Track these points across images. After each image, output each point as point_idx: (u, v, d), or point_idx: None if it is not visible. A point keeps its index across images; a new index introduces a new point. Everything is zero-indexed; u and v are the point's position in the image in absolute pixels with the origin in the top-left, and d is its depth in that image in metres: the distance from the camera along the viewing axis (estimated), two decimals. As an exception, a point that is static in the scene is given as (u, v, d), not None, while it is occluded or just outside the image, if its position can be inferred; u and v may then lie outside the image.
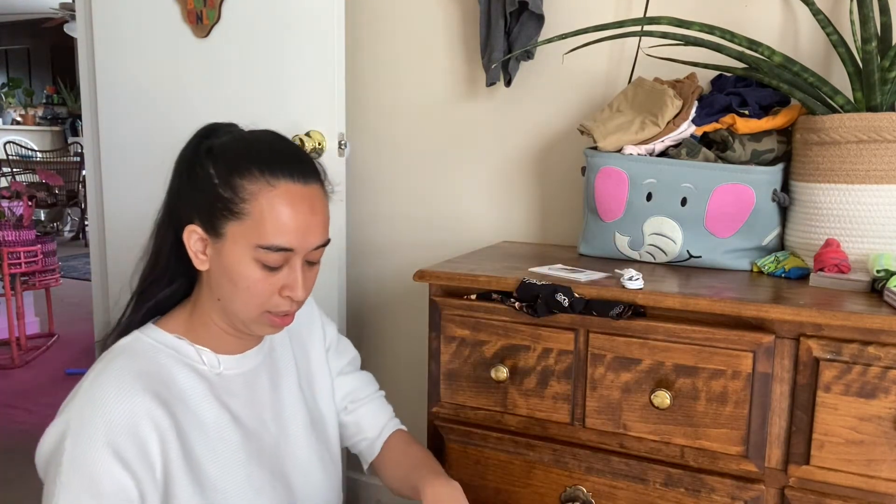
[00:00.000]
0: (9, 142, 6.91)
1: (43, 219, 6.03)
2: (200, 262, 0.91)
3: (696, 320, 1.02)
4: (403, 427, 1.17)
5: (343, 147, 1.69)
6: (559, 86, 1.60)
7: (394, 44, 1.78)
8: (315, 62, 1.67)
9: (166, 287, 0.96)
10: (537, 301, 1.09)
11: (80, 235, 6.94)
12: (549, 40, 1.25)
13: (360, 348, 1.98)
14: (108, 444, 0.80)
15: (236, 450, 0.93)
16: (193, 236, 0.90)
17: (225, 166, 0.88)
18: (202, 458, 0.89)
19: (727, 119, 1.24)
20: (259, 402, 0.98)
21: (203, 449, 0.89)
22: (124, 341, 0.92)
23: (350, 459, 1.98)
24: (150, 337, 0.92)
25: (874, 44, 1.10)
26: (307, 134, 1.67)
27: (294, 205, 0.87)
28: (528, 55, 1.56)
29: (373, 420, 1.14)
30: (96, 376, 0.85)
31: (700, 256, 1.23)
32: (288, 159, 0.89)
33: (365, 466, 1.16)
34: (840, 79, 1.25)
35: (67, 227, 7.38)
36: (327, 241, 0.93)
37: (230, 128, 0.95)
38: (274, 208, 0.86)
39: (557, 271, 1.18)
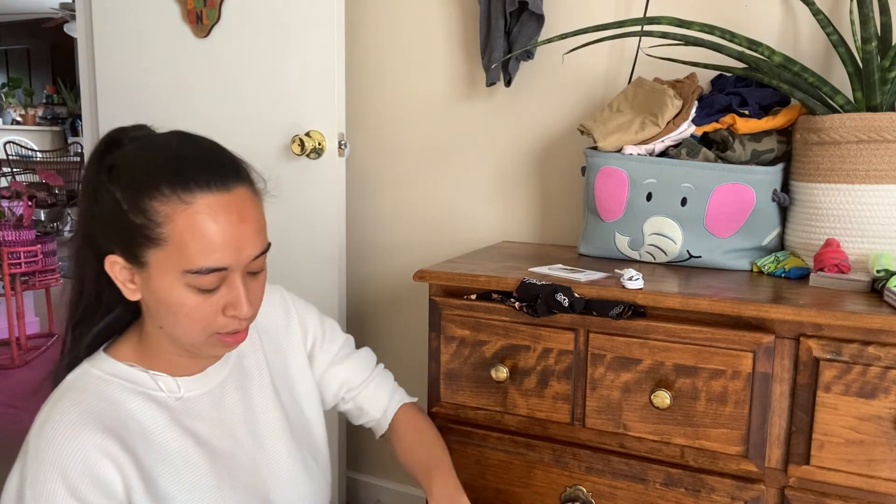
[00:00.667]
0: (9, 142, 6.91)
1: (43, 219, 6.03)
2: (130, 293, 0.83)
3: (696, 320, 1.02)
4: (408, 398, 1.15)
5: (343, 147, 1.69)
6: (559, 86, 1.60)
7: (394, 44, 1.78)
8: (315, 62, 1.67)
9: (105, 315, 0.89)
10: (537, 301, 1.09)
11: (80, 235, 6.92)
12: (549, 40, 1.25)
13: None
14: (69, 489, 0.75)
15: (205, 475, 0.87)
16: (116, 267, 0.82)
17: (130, 188, 0.78)
18: (169, 491, 0.83)
19: (727, 119, 1.24)
20: (229, 419, 0.92)
21: (169, 481, 0.83)
22: (71, 377, 0.85)
23: (350, 459, 1.98)
24: (100, 369, 0.85)
25: (874, 44, 1.10)
26: (307, 134, 1.67)
27: (217, 218, 0.78)
28: (528, 55, 1.56)
29: (374, 402, 1.10)
30: (44, 421, 0.79)
31: (700, 256, 1.23)
32: (200, 167, 0.80)
33: (378, 437, 1.13)
34: (840, 79, 1.25)
35: (67, 227, 7.38)
36: (267, 247, 0.86)
37: (136, 133, 0.85)
38: (195, 228, 0.77)
39: (557, 271, 1.18)
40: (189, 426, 0.87)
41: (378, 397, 1.11)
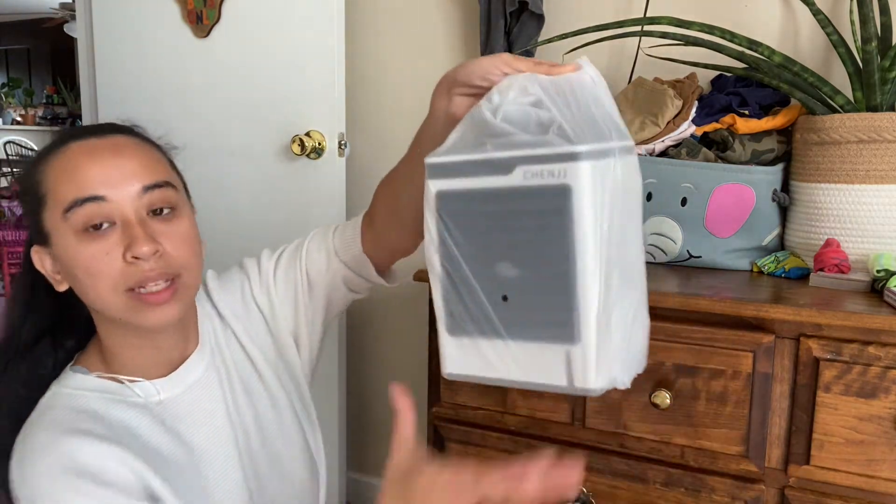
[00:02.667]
0: (9, 142, 6.92)
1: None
2: (59, 283, 0.79)
3: (696, 320, 1.02)
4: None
5: (343, 147, 1.69)
6: (559, 86, 1.60)
7: (394, 44, 1.78)
8: (315, 62, 1.67)
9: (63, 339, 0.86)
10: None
11: (80, 235, 6.93)
12: (549, 40, 1.25)
13: (360, 348, 1.98)
14: (66, 487, 0.71)
15: (192, 476, 0.83)
16: (43, 257, 0.80)
17: (23, 172, 0.80)
18: (164, 490, 0.79)
19: (727, 119, 1.24)
20: (212, 415, 0.87)
21: (164, 479, 0.79)
22: (42, 402, 0.80)
23: (350, 459, 1.99)
24: (69, 387, 0.80)
25: (874, 44, 1.10)
26: (307, 134, 1.67)
27: (89, 153, 0.76)
28: (528, 55, 1.56)
29: (319, 252, 0.94)
30: (21, 459, 0.73)
31: (700, 256, 1.23)
32: (79, 128, 0.80)
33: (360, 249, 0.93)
34: (840, 79, 1.25)
35: (67, 227, 7.37)
36: (164, 182, 0.78)
37: None
38: (66, 167, 0.75)
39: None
40: (172, 427, 0.83)
41: (320, 241, 0.95)
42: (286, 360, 0.98)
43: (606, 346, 0.49)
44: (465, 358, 0.54)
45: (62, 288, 0.80)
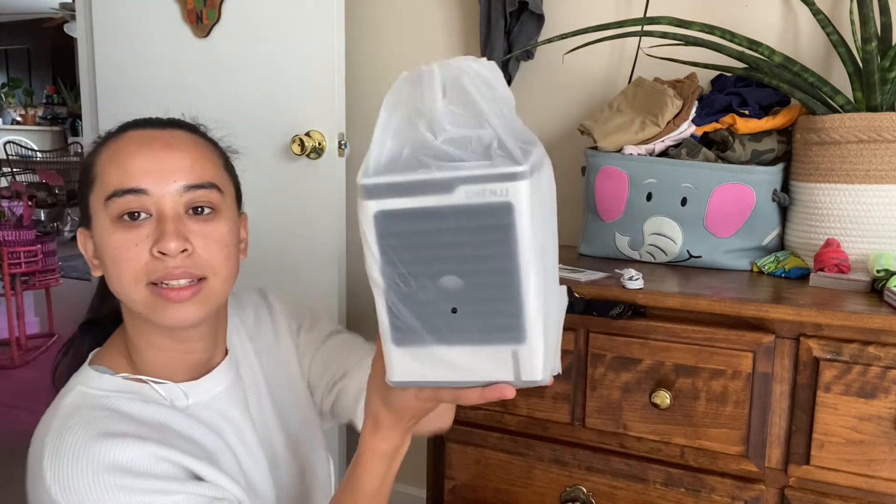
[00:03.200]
0: (9, 142, 6.92)
1: (43, 219, 6.04)
2: (95, 268, 0.80)
3: (696, 320, 1.02)
4: None
5: (343, 147, 1.69)
6: (559, 86, 1.60)
7: (394, 44, 1.78)
8: (315, 62, 1.67)
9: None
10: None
11: (80, 235, 6.92)
12: (549, 40, 1.25)
13: (360, 348, 1.98)
14: (123, 490, 0.69)
15: (236, 474, 0.82)
16: (86, 240, 0.81)
17: (85, 156, 0.83)
18: (214, 466, 0.78)
19: (727, 119, 1.24)
20: (242, 427, 0.86)
21: (210, 460, 0.78)
22: (68, 401, 0.77)
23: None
24: (96, 388, 0.78)
25: (874, 44, 1.10)
26: (307, 134, 1.67)
27: (141, 144, 0.76)
28: (528, 55, 1.56)
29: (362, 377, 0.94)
30: (58, 440, 0.71)
31: (700, 256, 1.23)
32: (144, 119, 0.81)
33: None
34: (840, 79, 1.25)
35: (67, 227, 7.38)
36: (209, 184, 0.78)
37: None
38: (115, 155, 0.76)
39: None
40: (210, 426, 0.82)
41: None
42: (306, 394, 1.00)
43: (545, 341, 0.55)
44: (411, 365, 0.57)
45: (97, 273, 0.81)
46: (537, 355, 0.54)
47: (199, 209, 0.77)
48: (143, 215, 0.74)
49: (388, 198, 0.54)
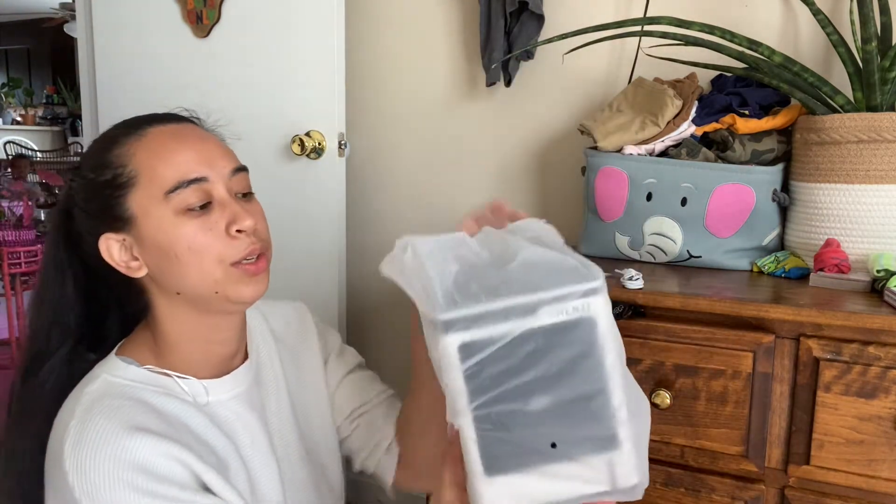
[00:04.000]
0: (9, 142, 6.92)
1: (43, 219, 6.03)
2: (136, 270, 0.79)
3: (696, 320, 1.02)
4: None
5: (343, 147, 1.69)
6: (559, 86, 1.60)
7: (394, 44, 1.78)
8: (315, 62, 1.67)
9: (104, 322, 0.86)
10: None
11: (80, 235, 6.92)
12: (549, 40, 1.25)
13: (360, 349, 1.97)
14: (137, 491, 0.70)
15: (243, 483, 0.83)
16: (112, 246, 0.78)
17: (91, 157, 0.80)
18: (224, 478, 0.79)
19: (727, 119, 1.24)
20: (252, 428, 0.87)
21: (220, 470, 0.79)
22: (92, 388, 0.77)
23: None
24: (122, 377, 0.79)
25: (874, 44, 1.10)
26: (307, 134, 1.67)
27: (177, 137, 0.79)
28: (528, 55, 1.56)
29: (386, 421, 0.98)
30: (78, 440, 0.71)
31: (700, 256, 1.23)
32: (142, 115, 0.83)
33: (388, 483, 0.97)
34: (840, 79, 1.25)
35: (67, 227, 7.37)
36: (244, 167, 0.84)
37: None
38: (158, 149, 0.77)
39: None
40: (224, 429, 0.83)
41: (390, 416, 0.99)
42: (318, 416, 0.99)
43: (638, 445, 0.56)
44: (504, 494, 0.56)
45: (139, 274, 0.80)
46: (632, 459, 0.55)
47: (245, 193, 0.83)
48: (207, 203, 0.78)
49: (470, 329, 0.54)
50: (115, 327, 0.88)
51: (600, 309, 0.54)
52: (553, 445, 0.54)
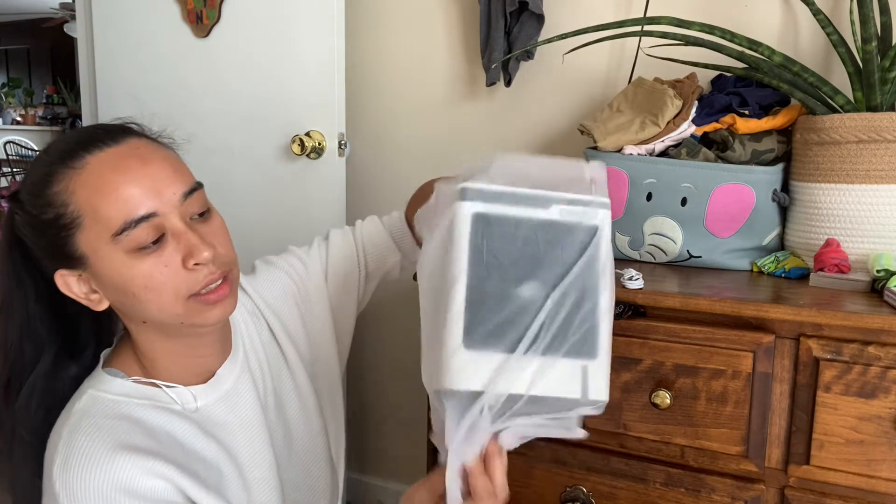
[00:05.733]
0: (9, 142, 6.92)
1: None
2: (97, 303, 0.77)
3: (696, 320, 1.02)
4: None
5: (343, 147, 1.69)
6: (559, 86, 1.60)
7: (394, 44, 1.78)
8: (315, 62, 1.67)
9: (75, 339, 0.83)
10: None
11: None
12: (549, 40, 1.25)
13: (360, 348, 1.98)
14: (114, 500, 0.70)
15: (237, 487, 0.83)
16: (69, 280, 0.76)
17: (30, 193, 0.74)
18: (221, 493, 0.80)
19: (727, 119, 1.24)
20: (248, 422, 0.87)
21: (214, 486, 0.80)
22: (80, 405, 0.77)
23: (351, 459, 1.98)
24: (109, 391, 0.78)
25: (874, 44, 1.10)
26: (307, 134, 1.67)
27: (117, 169, 0.72)
28: (528, 55, 1.56)
29: (384, 249, 1.04)
30: (66, 459, 0.72)
31: (700, 256, 1.23)
32: (81, 136, 0.76)
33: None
34: (840, 79, 1.25)
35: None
36: (197, 185, 0.78)
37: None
38: (99, 186, 0.71)
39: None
40: (212, 433, 0.83)
41: (378, 240, 1.04)
42: (322, 355, 0.99)
43: (608, 363, 0.58)
44: (475, 373, 0.57)
45: (101, 307, 0.78)
46: (605, 374, 0.57)
47: (201, 214, 0.79)
48: (161, 237, 0.74)
49: (487, 202, 0.58)
50: (91, 336, 0.86)
51: (606, 222, 0.58)
52: (535, 337, 0.56)
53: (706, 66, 1.29)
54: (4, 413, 0.81)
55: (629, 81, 1.49)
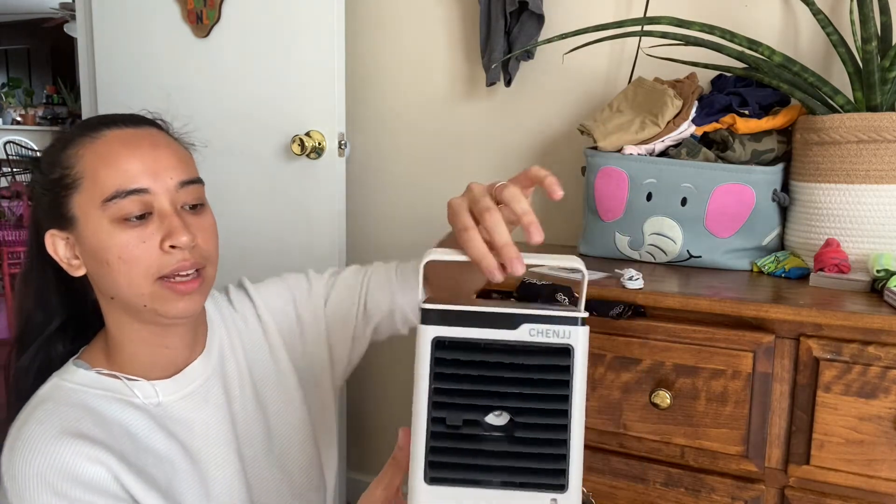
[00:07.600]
0: (9, 142, 6.91)
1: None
2: (75, 269, 0.79)
3: (696, 320, 1.02)
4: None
5: (343, 147, 1.69)
6: (559, 86, 1.60)
7: (394, 44, 1.78)
8: (315, 62, 1.67)
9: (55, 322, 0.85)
10: (537, 300, 1.09)
11: (80, 235, 6.92)
12: (549, 40, 1.25)
13: (360, 348, 1.98)
14: (58, 496, 0.71)
15: (191, 484, 0.82)
16: (56, 242, 0.79)
17: (47, 155, 0.80)
18: (168, 489, 0.79)
19: (727, 119, 1.24)
20: (212, 424, 0.86)
21: (163, 480, 0.79)
22: (41, 391, 0.79)
23: (350, 459, 1.98)
24: (71, 381, 0.80)
25: (874, 44, 1.10)
26: (307, 134, 1.67)
27: (127, 144, 0.77)
28: (528, 55, 1.56)
29: (383, 291, 0.97)
30: (14, 441, 0.74)
31: (700, 256, 1.23)
32: (107, 116, 0.81)
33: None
34: (840, 79, 1.25)
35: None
36: (197, 179, 0.81)
37: None
38: (105, 155, 0.76)
39: (557, 271, 1.18)
40: (171, 430, 0.82)
41: (383, 284, 0.98)
42: (317, 373, 0.99)
43: (579, 497, 0.54)
44: None
45: (78, 273, 0.80)
46: None
47: (194, 205, 0.80)
48: (146, 214, 0.76)
49: (448, 325, 0.54)
50: (98, 315, 0.87)
51: (581, 341, 0.53)
52: (500, 469, 0.53)
53: (706, 66, 1.29)
54: (13, 378, 0.86)
55: (629, 81, 1.49)
